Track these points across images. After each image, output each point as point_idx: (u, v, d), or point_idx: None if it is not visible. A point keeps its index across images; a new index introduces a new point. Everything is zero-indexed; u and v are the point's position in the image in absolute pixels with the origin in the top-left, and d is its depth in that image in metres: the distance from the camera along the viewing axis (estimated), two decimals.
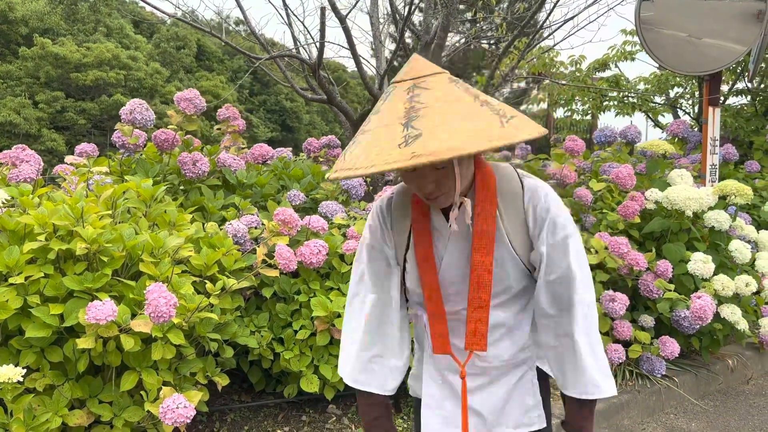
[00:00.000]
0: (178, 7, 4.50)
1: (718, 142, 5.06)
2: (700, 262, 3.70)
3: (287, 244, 3.08)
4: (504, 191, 1.42)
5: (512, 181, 1.44)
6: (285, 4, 4.19)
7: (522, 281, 1.44)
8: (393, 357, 1.53)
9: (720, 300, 3.79)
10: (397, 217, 1.50)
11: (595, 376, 1.38)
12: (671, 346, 3.67)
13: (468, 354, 1.46)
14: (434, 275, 1.44)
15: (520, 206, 1.41)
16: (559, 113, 9.71)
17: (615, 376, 3.67)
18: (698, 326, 3.62)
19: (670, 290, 3.67)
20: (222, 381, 2.73)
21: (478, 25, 6.61)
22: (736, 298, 3.88)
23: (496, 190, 1.41)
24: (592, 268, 3.83)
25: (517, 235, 1.41)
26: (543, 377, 1.55)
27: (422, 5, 5.34)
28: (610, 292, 3.61)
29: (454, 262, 1.43)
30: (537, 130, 1.19)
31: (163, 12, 4.30)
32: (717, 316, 3.72)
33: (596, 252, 3.73)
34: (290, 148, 5.07)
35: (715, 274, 3.78)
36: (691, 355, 4.13)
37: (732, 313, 3.70)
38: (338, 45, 5.85)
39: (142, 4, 4.28)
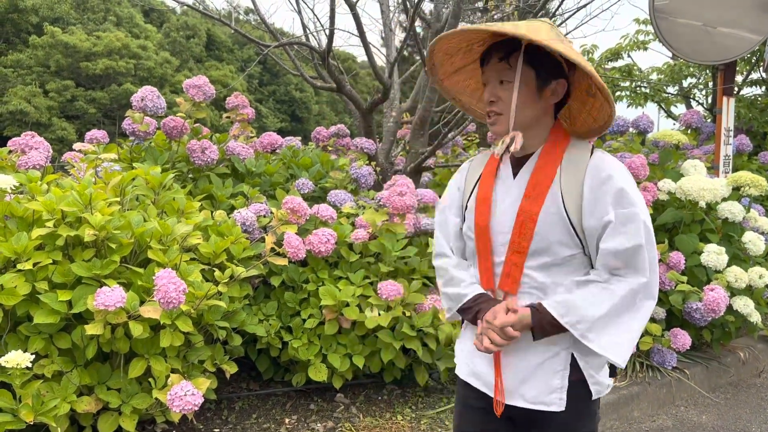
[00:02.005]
0: None
1: (732, 133, 4.99)
2: (714, 254, 3.66)
3: (296, 233, 3.06)
4: (572, 155, 1.51)
5: (584, 149, 1.53)
6: None
7: (567, 247, 1.48)
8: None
9: (732, 292, 3.74)
10: (473, 167, 1.68)
11: (582, 308, 1.42)
12: (682, 339, 3.63)
13: (503, 295, 1.54)
14: (486, 217, 1.55)
15: (583, 169, 1.47)
16: None
17: (625, 368, 3.64)
18: (710, 318, 3.58)
19: (682, 282, 3.63)
20: (230, 369, 2.73)
21: (489, 13, 6.54)
22: (749, 290, 3.84)
23: (563, 151, 1.52)
24: None
25: (571, 196, 1.46)
26: (586, 394, 1.52)
27: None
28: None
29: (507, 210, 1.52)
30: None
31: (174, 0, 4.27)
32: (729, 308, 3.67)
33: None
34: (299, 138, 5.04)
35: (728, 266, 3.74)
36: (702, 347, 4.10)
37: (745, 305, 3.66)
38: (348, 32, 5.79)
39: None
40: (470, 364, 1.63)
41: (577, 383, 1.50)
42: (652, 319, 3.72)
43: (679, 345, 3.62)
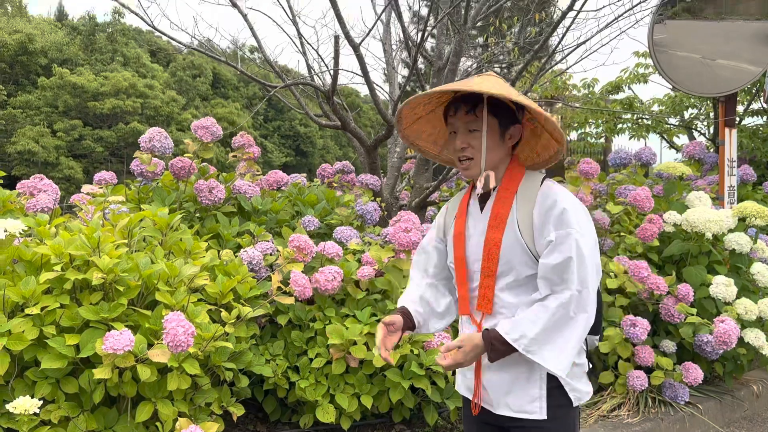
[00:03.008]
0: (194, 37, 4.56)
1: (735, 164, 5.01)
2: (722, 286, 3.64)
3: (302, 271, 3.07)
4: (525, 187, 1.74)
5: (536, 180, 1.76)
6: (299, 33, 4.23)
7: (528, 267, 1.70)
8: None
9: (743, 324, 3.71)
10: (451, 207, 1.93)
11: (523, 325, 1.61)
12: (695, 372, 3.59)
13: (481, 315, 1.76)
14: (462, 249, 1.80)
15: (533, 198, 1.71)
16: (573, 136, 9.68)
17: (637, 403, 3.59)
18: (722, 351, 3.54)
19: (692, 314, 3.60)
20: (237, 411, 2.71)
21: (489, 49, 6.64)
22: (760, 322, 3.80)
23: (518, 184, 1.75)
24: (612, 292, 3.77)
25: (524, 222, 1.70)
26: (566, 401, 1.71)
27: (435, 32, 5.38)
28: (631, 317, 3.54)
29: (477, 241, 1.77)
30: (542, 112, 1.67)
31: (179, 42, 4.36)
32: (741, 340, 3.63)
33: (616, 276, 3.67)
34: (304, 174, 5.08)
35: (737, 297, 3.71)
36: (714, 380, 4.04)
37: (756, 337, 3.62)
38: (352, 72, 5.90)
39: (158, 33, 4.40)
40: (464, 379, 1.87)
41: (555, 391, 1.69)
42: (663, 353, 3.68)
43: (691, 379, 3.58)
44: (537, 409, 1.69)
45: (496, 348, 1.64)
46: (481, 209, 1.79)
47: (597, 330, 1.79)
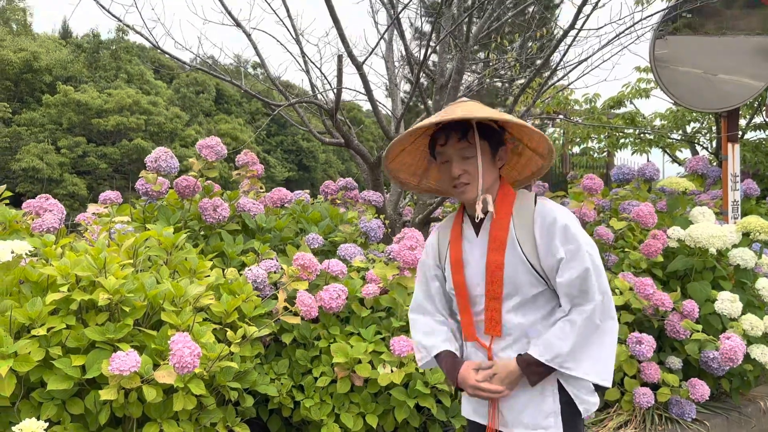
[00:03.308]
0: (198, 56, 4.60)
1: (738, 178, 5.01)
2: (728, 302, 3.63)
3: (306, 289, 3.07)
4: (519, 206, 1.76)
5: (528, 199, 1.78)
6: (302, 52, 4.27)
7: (533, 285, 1.72)
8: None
9: (749, 340, 3.69)
10: (442, 233, 1.93)
11: (555, 344, 1.64)
12: (701, 389, 3.57)
13: (490, 339, 1.77)
14: (461, 275, 1.80)
15: (530, 217, 1.73)
16: (576, 151, 9.70)
17: (643, 421, 3.57)
18: (728, 368, 3.53)
19: (697, 331, 3.58)
20: (242, 431, 2.70)
21: (491, 65, 6.68)
22: (766, 338, 3.78)
23: (512, 205, 1.76)
24: (617, 309, 3.76)
25: (526, 242, 1.71)
26: (576, 413, 1.74)
27: (437, 49, 5.42)
28: (637, 333, 3.53)
29: (476, 265, 1.78)
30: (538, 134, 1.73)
31: (182, 61, 4.40)
32: (747, 356, 3.62)
33: (621, 293, 3.67)
34: (308, 191, 5.10)
35: (742, 313, 3.70)
36: (721, 397, 4.01)
37: (762, 353, 3.61)
38: (355, 90, 5.96)
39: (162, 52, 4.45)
40: (471, 402, 1.87)
41: (567, 405, 1.72)
42: (669, 370, 3.67)
43: (698, 396, 3.55)
44: (552, 424, 1.72)
45: (534, 371, 1.67)
46: (477, 233, 1.81)
47: None
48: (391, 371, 2.96)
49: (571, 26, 3.75)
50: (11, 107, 34.32)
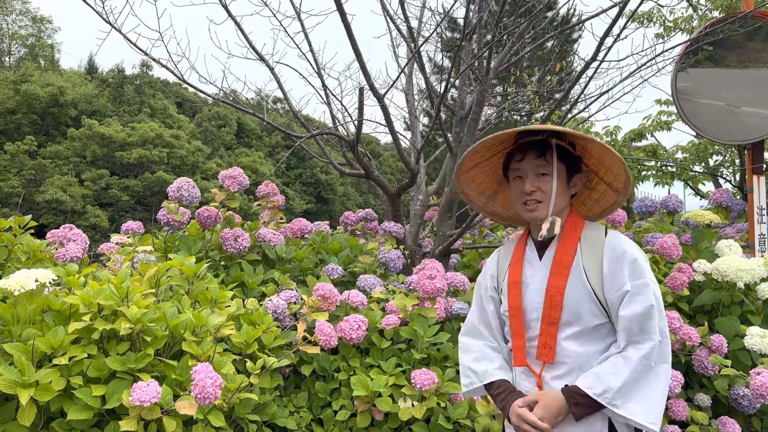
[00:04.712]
0: (222, 89, 4.68)
1: (765, 211, 4.93)
2: (758, 337, 3.53)
3: (326, 320, 3.05)
4: (588, 235, 1.73)
5: (599, 229, 1.75)
6: (324, 85, 4.33)
7: (595, 316, 1.67)
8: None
9: None
10: (503, 254, 1.92)
11: (605, 378, 1.58)
12: (732, 427, 3.45)
13: (541, 366, 1.71)
14: (518, 298, 1.76)
15: (600, 247, 1.69)
16: None
17: None
18: (759, 405, 3.41)
19: (726, 366, 3.49)
20: None
21: (509, 99, 6.71)
22: None
23: (581, 233, 1.74)
24: None
25: (593, 271, 1.67)
26: None
27: (457, 82, 5.46)
28: None
29: (537, 289, 1.74)
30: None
31: (207, 94, 4.47)
32: None
33: None
34: (327, 222, 5.11)
35: None
36: None
37: None
38: (376, 122, 6.01)
39: (185, 85, 4.57)
40: None
41: None
42: (698, 407, 3.56)
43: None
44: None
45: (579, 403, 1.61)
46: (540, 257, 1.78)
47: None
48: (412, 405, 2.91)
49: (593, 58, 3.76)
50: (37, 140, 35.10)
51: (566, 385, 1.65)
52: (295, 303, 3.35)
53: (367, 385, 2.94)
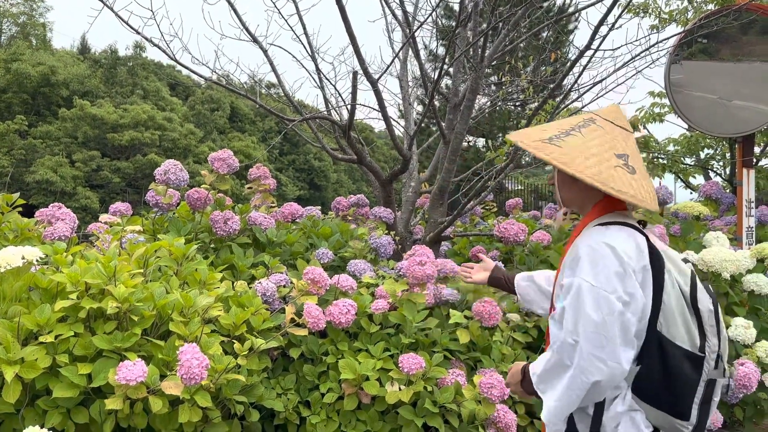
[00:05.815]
0: (215, 71, 4.64)
1: (753, 204, 4.96)
2: (742, 328, 3.57)
3: (316, 303, 3.05)
4: (582, 234, 1.71)
5: (590, 227, 1.70)
6: (318, 69, 4.30)
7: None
8: None
9: (763, 368, 3.62)
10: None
11: (537, 363, 1.70)
12: (714, 417, 3.50)
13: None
14: None
15: (575, 246, 1.70)
16: None
17: None
18: (742, 395, 3.46)
19: None
20: None
21: (504, 87, 6.69)
22: None
23: (581, 231, 1.73)
24: None
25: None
26: None
27: (451, 70, 5.44)
28: None
29: None
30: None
31: (200, 75, 4.44)
32: (761, 384, 3.55)
33: None
34: (318, 207, 5.10)
35: (756, 340, 3.64)
36: (734, 425, 3.93)
37: None
38: (369, 107, 6.00)
39: (179, 68, 4.52)
40: None
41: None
42: None
43: (710, 424, 3.48)
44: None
45: (526, 379, 1.76)
46: None
47: (683, 413, 1.59)
48: (399, 389, 2.92)
49: (587, 46, 3.75)
50: (28, 120, 34.77)
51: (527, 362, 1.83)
52: (284, 286, 3.35)
53: (354, 368, 2.95)
